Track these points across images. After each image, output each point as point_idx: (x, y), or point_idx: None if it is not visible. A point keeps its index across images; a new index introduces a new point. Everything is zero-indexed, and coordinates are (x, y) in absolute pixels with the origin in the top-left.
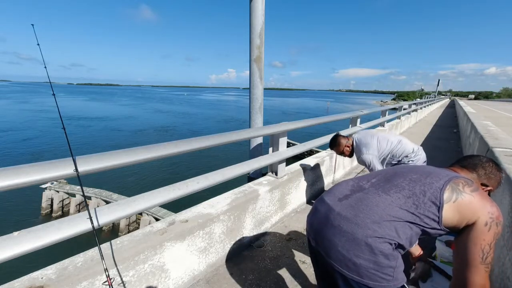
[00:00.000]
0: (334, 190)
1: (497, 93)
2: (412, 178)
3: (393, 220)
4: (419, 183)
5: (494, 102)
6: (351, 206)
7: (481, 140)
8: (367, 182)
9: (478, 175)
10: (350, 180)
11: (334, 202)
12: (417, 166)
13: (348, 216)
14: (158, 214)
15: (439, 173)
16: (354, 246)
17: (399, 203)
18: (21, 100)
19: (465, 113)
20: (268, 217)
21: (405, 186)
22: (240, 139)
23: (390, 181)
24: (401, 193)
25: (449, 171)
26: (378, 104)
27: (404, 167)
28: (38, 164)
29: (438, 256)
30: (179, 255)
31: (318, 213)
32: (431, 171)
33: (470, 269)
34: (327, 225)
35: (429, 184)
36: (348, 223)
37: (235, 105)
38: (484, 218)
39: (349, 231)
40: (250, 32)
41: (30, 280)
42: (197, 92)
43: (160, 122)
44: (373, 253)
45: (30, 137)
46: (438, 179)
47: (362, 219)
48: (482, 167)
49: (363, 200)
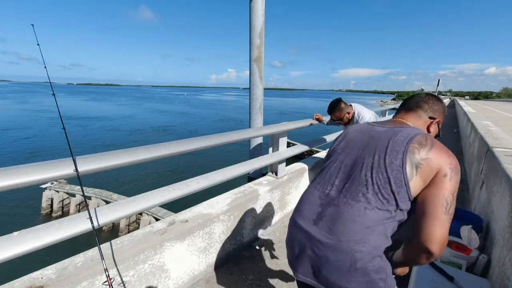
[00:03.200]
0: (304, 207)
1: (497, 93)
2: (369, 164)
3: (374, 228)
4: (380, 169)
5: (494, 102)
6: (329, 229)
7: (481, 140)
8: (331, 187)
9: (424, 110)
10: (315, 190)
11: (309, 226)
12: (366, 133)
13: (330, 243)
14: (158, 214)
15: (392, 142)
16: (345, 274)
17: (372, 206)
18: (20, 100)
19: (465, 113)
20: (268, 217)
21: (368, 178)
22: (240, 139)
23: (353, 179)
24: (368, 192)
25: (396, 127)
26: (378, 104)
27: (355, 141)
28: (38, 164)
29: (438, 256)
30: (179, 255)
31: (295, 240)
32: (382, 140)
33: (434, 221)
34: (311, 256)
35: (390, 166)
36: (333, 252)
37: (234, 105)
38: (444, 170)
39: (337, 260)
40: (250, 32)
41: (30, 280)
42: (197, 92)
43: (158, 122)
44: (365, 274)
45: (28, 137)
46: (396, 153)
47: (346, 243)
48: (424, 102)
49: (338, 218)
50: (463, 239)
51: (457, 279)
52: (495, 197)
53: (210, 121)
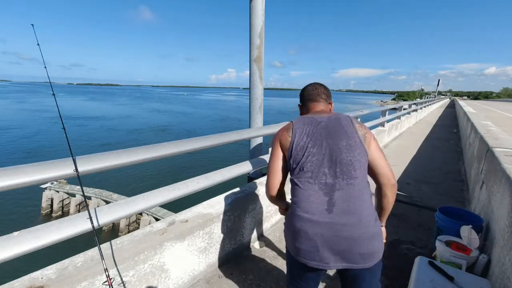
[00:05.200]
0: (307, 203)
1: (497, 93)
2: (342, 147)
3: (368, 195)
4: (351, 148)
5: (494, 102)
6: (346, 210)
7: (481, 140)
8: (325, 176)
9: (326, 99)
10: (310, 184)
11: (325, 217)
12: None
13: (354, 221)
14: (158, 214)
15: (344, 126)
16: (369, 242)
17: (361, 179)
18: (19, 100)
19: (465, 113)
20: (268, 217)
21: (350, 158)
22: (240, 139)
23: (339, 162)
24: (356, 169)
25: (330, 115)
26: (378, 104)
27: (316, 133)
28: (38, 164)
29: (438, 256)
30: (179, 255)
31: (314, 235)
32: (336, 127)
33: (387, 167)
34: (338, 241)
35: (355, 144)
36: (358, 228)
37: (233, 105)
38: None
39: (363, 233)
40: (250, 32)
41: (30, 280)
42: (197, 92)
43: (157, 122)
44: (379, 234)
45: (28, 136)
46: (352, 134)
47: (365, 217)
48: (323, 93)
49: (349, 198)
50: (463, 239)
51: (457, 279)
52: (495, 197)
53: (209, 121)
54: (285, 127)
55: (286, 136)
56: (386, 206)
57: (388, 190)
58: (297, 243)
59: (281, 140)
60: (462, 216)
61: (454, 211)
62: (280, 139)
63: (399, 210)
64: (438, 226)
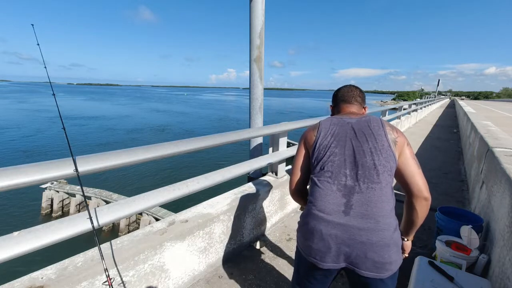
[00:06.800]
0: (324, 203)
1: (497, 93)
2: (367, 150)
3: (390, 202)
4: (377, 152)
5: (494, 102)
6: (364, 214)
7: (481, 140)
8: (346, 178)
9: (360, 102)
10: (329, 184)
11: (341, 218)
12: (345, 125)
13: (370, 226)
14: (158, 214)
15: (372, 129)
16: (384, 250)
17: (384, 185)
18: (19, 100)
19: (465, 113)
20: (268, 217)
21: (374, 162)
22: (240, 139)
23: (362, 165)
24: (379, 173)
25: (361, 117)
26: (378, 104)
27: (341, 134)
28: (38, 164)
29: (438, 256)
30: (179, 255)
31: (327, 236)
32: (364, 129)
33: (419, 176)
34: (352, 245)
35: (382, 148)
36: (375, 233)
37: (232, 105)
38: (406, 141)
39: (379, 239)
40: (250, 32)
41: (30, 280)
42: (197, 92)
43: (156, 121)
44: (397, 244)
45: (27, 136)
46: (381, 137)
47: (382, 223)
48: (358, 96)
49: (368, 202)
50: (463, 239)
51: (457, 279)
52: (495, 197)
53: (209, 121)
54: (313, 126)
55: (312, 135)
56: (414, 219)
57: (418, 202)
58: (309, 241)
59: (306, 138)
60: (462, 216)
61: (454, 211)
62: (305, 138)
63: (399, 210)
64: (438, 226)
